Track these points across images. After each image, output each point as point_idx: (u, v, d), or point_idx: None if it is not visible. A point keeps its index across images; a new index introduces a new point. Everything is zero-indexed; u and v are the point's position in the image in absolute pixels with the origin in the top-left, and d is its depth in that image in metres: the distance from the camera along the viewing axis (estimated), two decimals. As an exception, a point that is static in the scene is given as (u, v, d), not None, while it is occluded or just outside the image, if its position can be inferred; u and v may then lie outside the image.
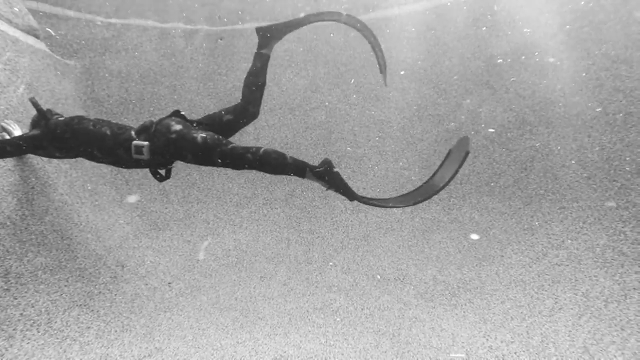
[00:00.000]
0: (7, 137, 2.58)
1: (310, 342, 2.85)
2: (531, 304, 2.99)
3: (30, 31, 3.28)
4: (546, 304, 2.97)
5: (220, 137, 2.17)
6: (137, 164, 2.23)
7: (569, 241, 3.37)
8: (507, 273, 3.36)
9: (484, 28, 4.56)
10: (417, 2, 4.90)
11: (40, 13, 3.92)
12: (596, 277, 3.06)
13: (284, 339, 2.88)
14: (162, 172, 2.38)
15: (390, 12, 4.93)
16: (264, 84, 2.44)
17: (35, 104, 2.41)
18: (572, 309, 2.85)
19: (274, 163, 2.12)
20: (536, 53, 4.18)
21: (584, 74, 3.87)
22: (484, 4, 4.63)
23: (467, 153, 2.26)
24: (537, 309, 2.93)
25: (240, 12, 4.83)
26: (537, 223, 3.66)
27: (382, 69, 2.67)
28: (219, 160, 2.11)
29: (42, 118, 2.37)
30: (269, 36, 2.41)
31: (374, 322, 3.07)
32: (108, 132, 2.21)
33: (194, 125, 2.30)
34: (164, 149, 2.18)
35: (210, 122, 2.35)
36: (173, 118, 2.25)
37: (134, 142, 2.16)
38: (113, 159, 2.25)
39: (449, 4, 4.77)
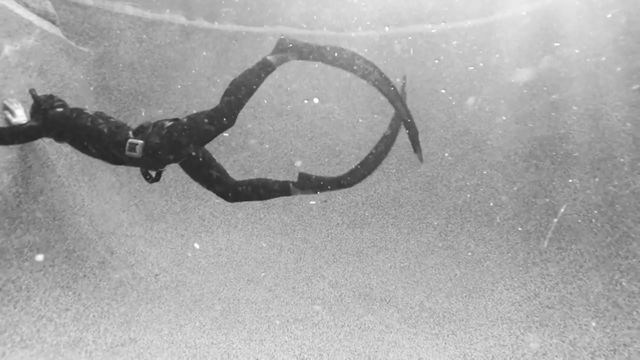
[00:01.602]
0: (9, 115, 2.64)
1: (284, 353, 2.82)
2: (515, 345, 2.90)
3: (46, 16, 3.36)
4: (531, 347, 2.88)
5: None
6: (129, 162, 2.25)
7: (563, 284, 3.28)
8: (495, 309, 3.28)
9: (497, 55, 4.51)
10: (435, 25, 4.88)
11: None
12: (586, 326, 2.96)
13: (258, 346, 2.85)
14: (153, 174, 2.40)
15: (402, 30, 4.92)
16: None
17: (34, 97, 2.48)
18: (557, 356, 2.76)
19: (239, 80, 2.17)
20: (550, 91, 4.12)
21: (595, 112, 3.80)
22: (501, 30, 4.59)
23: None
24: (521, 351, 2.85)
25: (258, 14, 4.87)
26: (532, 261, 3.57)
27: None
28: (211, 127, 2.15)
29: (40, 110, 2.43)
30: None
31: (353, 341, 3.02)
32: (105, 129, 2.25)
33: None
34: (159, 146, 2.20)
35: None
36: (168, 119, 2.28)
37: (129, 139, 2.19)
38: (106, 155, 2.28)
39: (466, 25, 4.74)
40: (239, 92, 2.15)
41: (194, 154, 2.38)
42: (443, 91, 4.62)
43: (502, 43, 4.51)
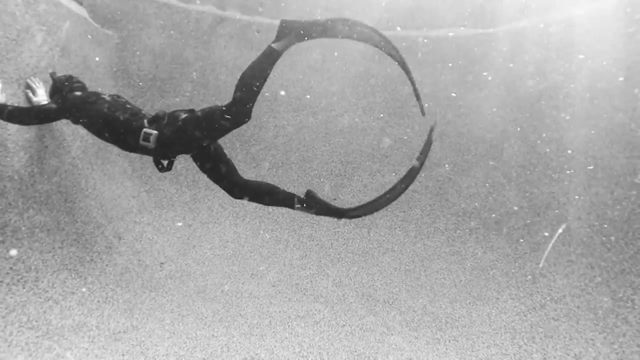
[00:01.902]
0: (31, 94, 2.68)
1: (284, 350, 2.82)
2: (517, 355, 2.86)
3: (74, -3, 3.41)
4: (534, 357, 2.84)
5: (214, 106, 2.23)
6: (142, 151, 2.28)
7: (570, 297, 3.22)
8: (499, 317, 3.24)
9: (511, 65, 4.42)
10: (453, 29, 4.81)
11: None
12: (593, 340, 2.90)
13: (258, 341, 2.86)
14: (164, 163, 2.42)
15: (418, 33, 4.86)
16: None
17: (54, 80, 2.52)
18: (559, 369, 2.72)
19: (248, 72, 2.14)
20: (571, 103, 4.02)
21: (617, 127, 3.70)
22: (522, 38, 4.50)
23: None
24: (523, 362, 2.81)
25: (282, 5, 4.85)
26: (540, 272, 3.51)
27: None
28: (227, 122, 2.16)
29: (59, 92, 2.47)
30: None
31: (353, 341, 3.01)
32: (121, 117, 2.27)
33: None
34: (173, 138, 2.23)
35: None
36: (183, 110, 2.28)
37: (144, 129, 2.21)
38: (120, 142, 2.31)
39: (487, 31, 4.66)
40: (250, 85, 2.13)
41: (206, 146, 2.39)
42: (454, 94, 4.56)
43: (523, 52, 4.41)
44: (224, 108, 2.14)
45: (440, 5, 4.77)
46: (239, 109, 2.13)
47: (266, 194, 2.41)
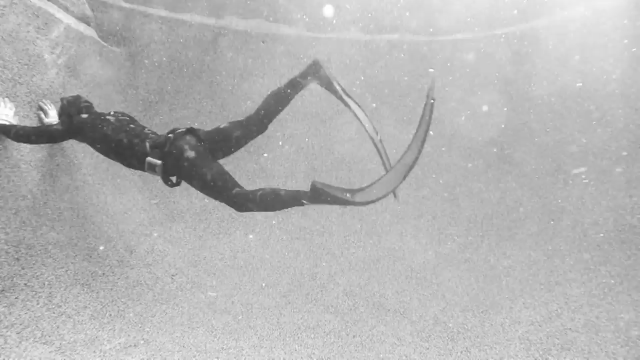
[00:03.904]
0: (43, 115, 2.76)
1: (294, 362, 2.81)
2: (533, 368, 2.78)
3: (84, 19, 3.50)
4: (550, 370, 2.75)
5: (228, 177, 2.24)
6: (149, 172, 2.34)
7: (589, 307, 3.11)
8: (513, 327, 3.15)
9: (522, 66, 4.33)
10: (463, 32, 4.75)
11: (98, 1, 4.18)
12: (614, 354, 2.78)
13: (268, 353, 2.86)
14: (173, 179, 2.45)
15: (431, 37, 4.81)
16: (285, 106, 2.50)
17: (62, 106, 2.66)
18: (578, 383, 2.62)
19: (271, 202, 2.16)
20: (584, 104, 3.90)
21: (635, 128, 3.58)
22: (535, 39, 4.40)
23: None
24: (539, 375, 2.73)
25: (287, 16, 4.87)
26: (555, 280, 3.41)
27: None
28: (228, 203, 2.24)
29: (66, 114, 2.56)
30: (318, 76, 2.42)
31: (363, 352, 2.98)
32: (125, 140, 2.34)
33: (205, 144, 2.34)
34: (177, 171, 2.30)
35: (220, 138, 2.40)
36: (187, 139, 2.31)
37: (148, 158, 2.27)
38: (127, 164, 2.40)
39: (498, 33, 4.58)
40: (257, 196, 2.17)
41: None
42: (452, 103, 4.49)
43: (533, 53, 4.31)
44: (233, 198, 2.18)
45: (445, 9, 4.72)
46: (242, 207, 2.21)
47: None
